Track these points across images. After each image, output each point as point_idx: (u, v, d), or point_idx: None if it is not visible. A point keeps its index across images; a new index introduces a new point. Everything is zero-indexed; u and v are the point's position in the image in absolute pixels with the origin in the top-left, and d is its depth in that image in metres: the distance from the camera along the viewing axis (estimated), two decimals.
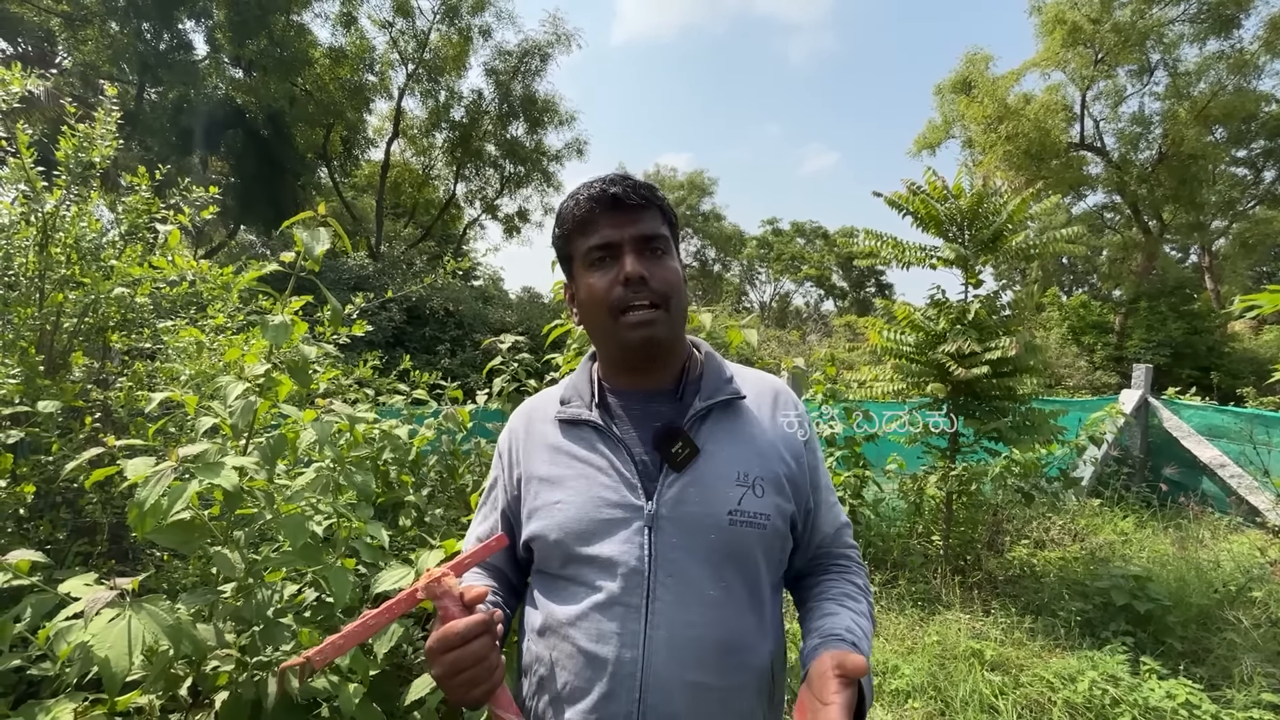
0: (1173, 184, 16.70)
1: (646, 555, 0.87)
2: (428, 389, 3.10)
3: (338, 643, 0.70)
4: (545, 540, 0.94)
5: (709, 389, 0.96)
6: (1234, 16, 15.27)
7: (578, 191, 0.96)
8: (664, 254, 0.94)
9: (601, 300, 0.92)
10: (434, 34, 17.77)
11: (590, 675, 0.86)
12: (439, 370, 3.80)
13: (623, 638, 0.85)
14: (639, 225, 0.92)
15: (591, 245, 0.93)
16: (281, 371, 1.49)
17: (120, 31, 13.62)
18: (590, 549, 0.89)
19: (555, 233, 1.01)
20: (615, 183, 0.93)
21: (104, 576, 1.20)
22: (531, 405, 1.09)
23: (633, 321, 0.90)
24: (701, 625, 0.85)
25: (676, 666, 0.84)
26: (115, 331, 2.47)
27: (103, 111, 2.34)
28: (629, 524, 0.89)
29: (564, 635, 0.89)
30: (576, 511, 0.91)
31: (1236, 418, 5.48)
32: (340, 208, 19.24)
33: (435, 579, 0.76)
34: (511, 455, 1.05)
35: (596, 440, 0.95)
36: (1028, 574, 4.04)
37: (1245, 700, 2.61)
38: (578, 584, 0.90)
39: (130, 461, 1.26)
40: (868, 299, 36.87)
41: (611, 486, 0.91)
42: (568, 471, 0.95)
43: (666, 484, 0.90)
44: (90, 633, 1.01)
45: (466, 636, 0.74)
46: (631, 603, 0.86)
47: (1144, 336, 15.60)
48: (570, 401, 1.00)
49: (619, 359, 0.98)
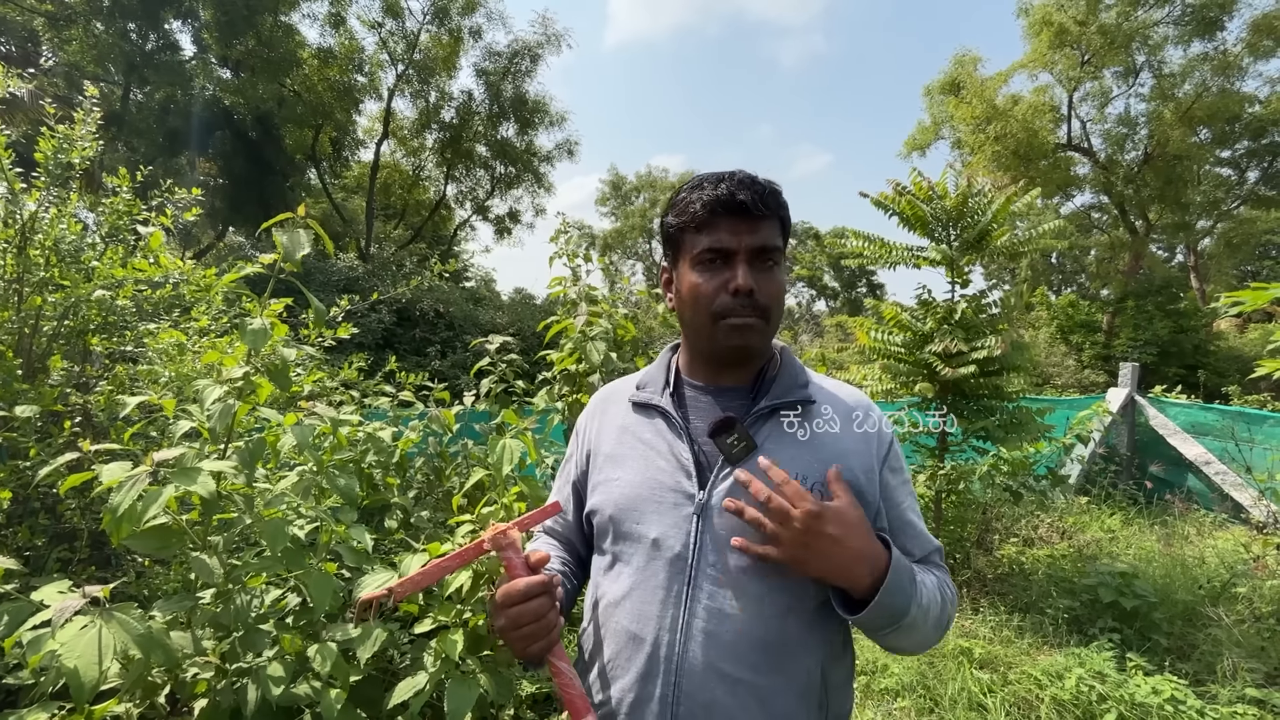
0: (1158, 184, 16.86)
1: (692, 543, 0.88)
2: (415, 391, 3.08)
3: (416, 579, 0.80)
4: (601, 515, 0.98)
5: (780, 390, 0.96)
6: (1217, 19, 15.44)
7: (703, 183, 0.93)
8: (774, 266, 0.93)
9: (705, 302, 0.92)
10: (424, 35, 17.72)
11: (630, 654, 0.89)
12: (429, 372, 3.78)
13: (662, 621, 0.87)
14: (757, 235, 0.91)
15: (707, 247, 0.91)
16: (261, 375, 1.48)
17: (105, 32, 13.48)
18: (639, 528, 0.92)
19: (668, 218, 0.98)
20: (745, 187, 0.91)
21: (83, 583, 1.18)
22: (611, 388, 1.14)
23: (731, 325, 0.91)
24: (740, 621, 0.85)
25: (713, 657, 0.85)
26: (96, 334, 2.44)
27: (83, 112, 2.31)
28: (679, 509, 0.90)
29: (611, 614, 0.93)
30: (630, 490, 0.94)
31: (1221, 415, 5.54)
32: (330, 209, 19.14)
33: (501, 531, 0.83)
34: (586, 432, 1.10)
35: (663, 425, 0.98)
36: (1016, 572, 4.06)
37: (1229, 696, 2.63)
38: (624, 562, 0.94)
39: (105, 466, 1.24)
40: (859, 299, 37.06)
41: (668, 470, 0.93)
42: (630, 451, 0.98)
43: (721, 476, 0.90)
44: (59, 642, 0.99)
45: (528, 594, 0.81)
46: (673, 589, 0.88)
47: (1131, 335, 15.75)
48: (645, 387, 1.04)
49: (708, 357, 0.99)
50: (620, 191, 36.76)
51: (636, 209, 36.66)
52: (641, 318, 5.02)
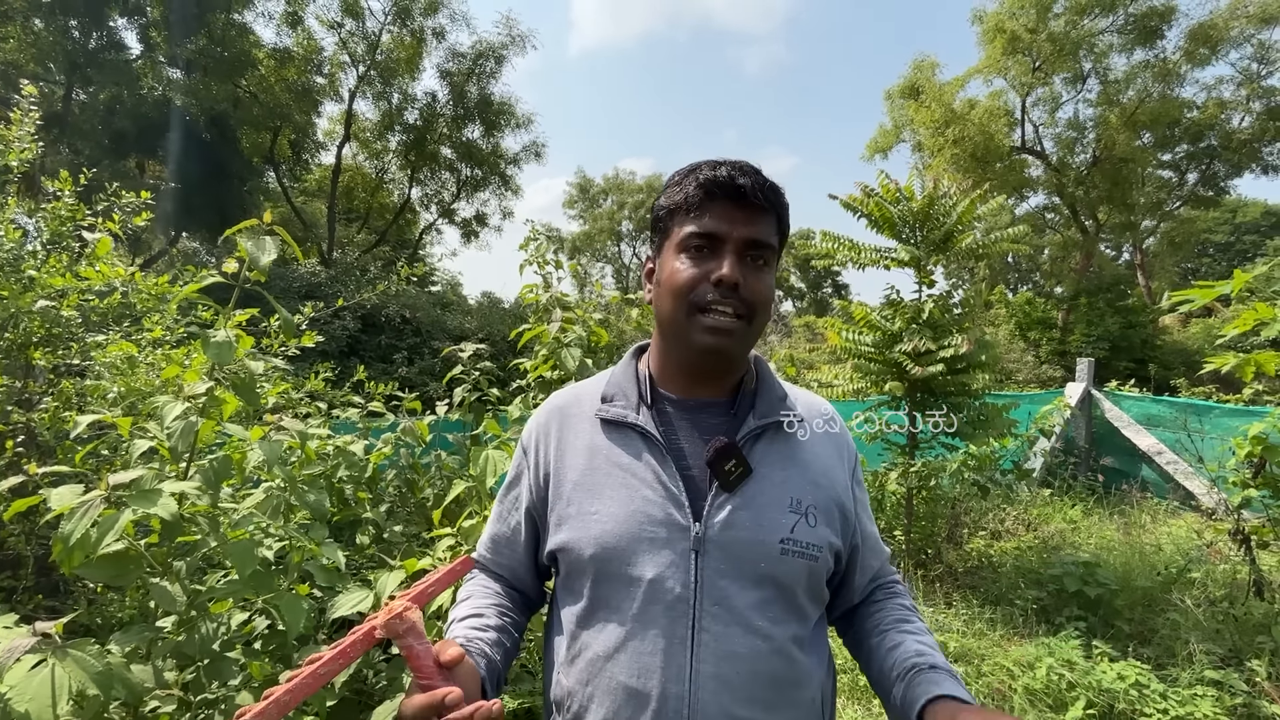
0: (1106, 186, 17.62)
1: (693, 582, 0.80)
2: (384, 400, 2.99)
3: (282, 699, 0.58)
4: (578, 555, 0.85)
5: (764, 408, 0.89)
6: (1158, 28, 16.23)
7: (699, 166, 0.86)
8: (765, 266, 0.86)
9: (683, 291, 0.84)
10: (385, 35, 17.37)
11: (632, 712, 0.79)
12: (396, 380, 3.68)
13: (667, 672, 0.79)
14: (752, 227, 0.84)
15: (694, 231, 0.84)
16: (225, 389, 1.41)
17: (45, 29, 12.86)
18: (630, 570, 0.81)
19: (659, 200, 0.91)
20: (745, 173, 0.84)
21: (31, 613, 1.10)
22: (565, 399, 0.99)
23: (708, 324, 0.83)
24: (750, 659, 0.79)
25: (726, 702, 0.78)
26: (39, 348, 2.30)
27: (19, 113, 2.18)
28: (674, 545, 0.81)
29: (601, 668, 0.82)
30: (616, 526, 0.83)
31: (1171, 407, 5.78)
32: (290, 213, 18.60)
33: (396, 614, 0.66)
34: (539, 452, 0.95)
35: (643, 448, 0.87)
36: (986, 565, 4.16)
37: (1189, 678, 2.74)
38: (611, 609, 0.83)
39: (55, 491, 1.16)
40: (825, 299, 37.70)
41: (656, 502, 0.83)
42: (607, 479, 0.86)
43: (715, 505, 0.82)
44: (7, 684, 0.92)
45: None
46: (676, 634, 0.79)
47: (1085, 331, 16.40)
48: (613, 400, 0.91)
49: (680, 360, 0.90)
50: (588, 194, 36.72)
51: (604, 211, 36.66)
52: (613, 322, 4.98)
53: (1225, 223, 35.30)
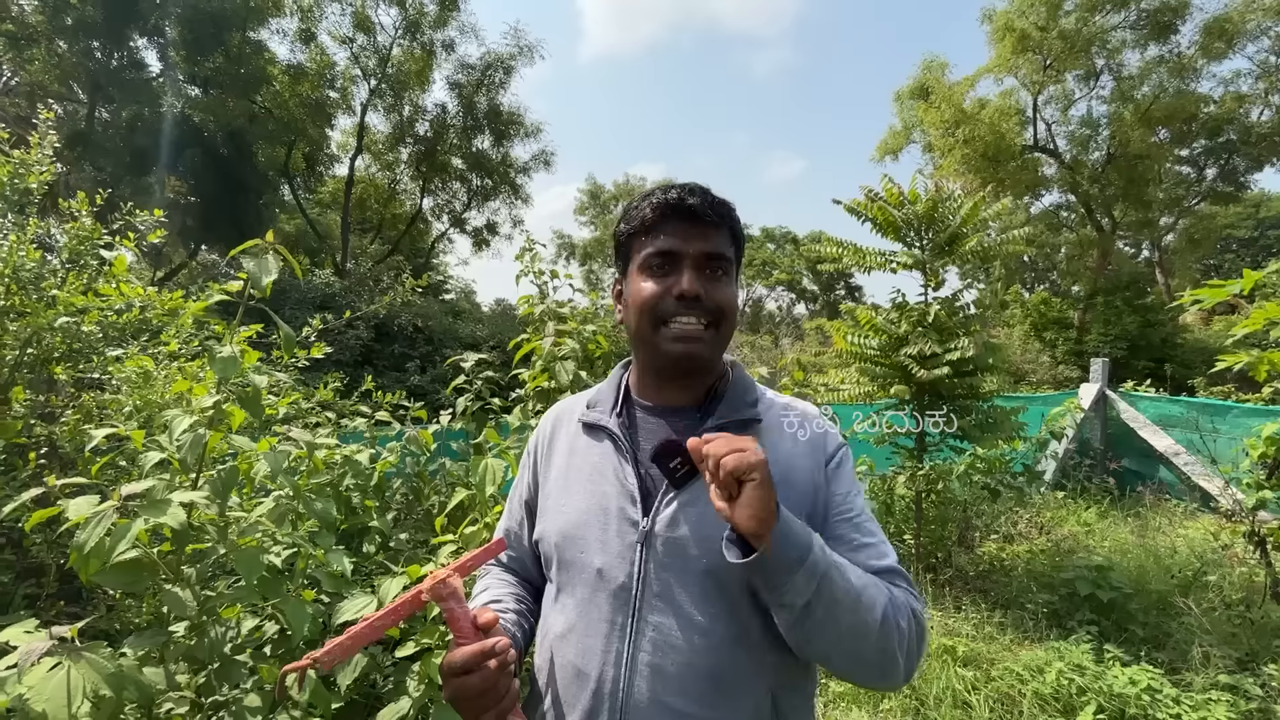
0: (1122, 183, 17.37)
1: (636, 573, 0.85)
2: (392, 410, 3.05)
3: (345, 643, 0.70)
4: (546, 542, 0.94)
5: (727, 409, 0.93)
6: (1171, 23, 16.01)
7: (653, 192, 0.94)
8: (724, 276, 0.92)
9: (648, 307, 0.90)
10: (396, 49, 17.67)
11: (576, 691, 0.85)
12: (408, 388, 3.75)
13: (606, 656, 0.84)
14: (706, 242, 0.90)
15: (653, 250, 0.91)
16: (232, 403, 1.46)
17: (68, 50, 13.23)
18: (584, 557, 0.88)
19: (619, 227, 0.98)
20: (694, 193, 0.91)
21: (53, 619, 1.15)
22: (563, 406, 1.10)
23: (675, 334, 0.89)
24: (687, 653, 0.82)
25: (659, 691, 0.81)
26: (60, 363, 2.39)
27: (38, 135, 2.26)
28: (624, 538, 0.87)
29: (558, 647, 0.89)
30: (576, 517, 0.91)
31: (1188, 407, 5.69)
32: (304, 225, 18.93)
33: (440, 580, 0.77)
34: (537, 453, 1.06)
35: (610, 448, 0.94)
36: (997, 568, 4.12)
37: (1203, 683, 2.70)
38: (568, 593, 0.90)
39: (71, 501, 1.21)
40: (838, 301, 37.45)
41: (613, 496, 0.90)
42: (577, 476, 0.95)
43: (664, 502, 0.87)
44: (26, 685, 0.97)
45: (466, 668, 0.74)
46: (617, 621, 0.85)
47: (1102, 331, 16.15)
48: (595, 406, 1.00)
49: (653, 369, 0.96)
50: (599, 200, 36.90)
51: (615, 218, 36.76)
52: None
53: (1248, 218, 34.51)
